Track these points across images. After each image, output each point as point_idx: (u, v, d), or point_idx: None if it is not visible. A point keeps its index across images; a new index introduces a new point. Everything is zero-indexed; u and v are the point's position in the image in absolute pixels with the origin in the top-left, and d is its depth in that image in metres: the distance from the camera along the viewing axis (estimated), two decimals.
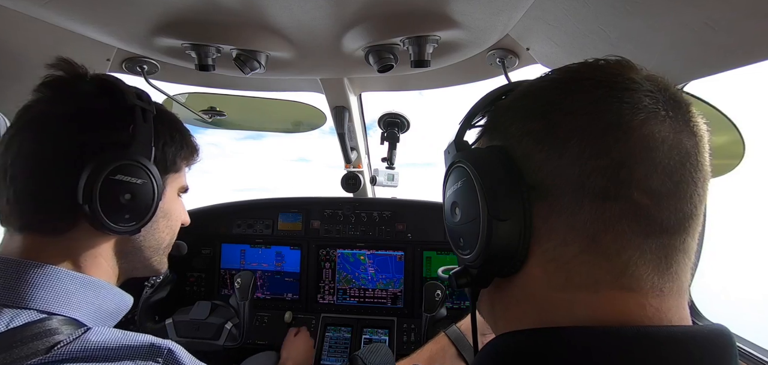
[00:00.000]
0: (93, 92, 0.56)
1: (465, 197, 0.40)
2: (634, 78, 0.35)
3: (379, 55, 0.85)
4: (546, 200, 0.35)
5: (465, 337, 0.92)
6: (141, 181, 0.56)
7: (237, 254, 1.69)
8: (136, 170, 0.56)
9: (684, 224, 0.34)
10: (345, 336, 1.55)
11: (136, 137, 0.56)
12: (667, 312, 0.34)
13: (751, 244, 2.82)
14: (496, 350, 0.38)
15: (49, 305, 0.50)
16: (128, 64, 1.03)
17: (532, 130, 0.37)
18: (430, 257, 1.63)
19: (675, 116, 0.34)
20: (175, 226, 0.70)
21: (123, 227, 0.56)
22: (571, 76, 0.38)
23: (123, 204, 0.55)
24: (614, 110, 0.34)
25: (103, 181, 0.52)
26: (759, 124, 1.15)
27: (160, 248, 0.67)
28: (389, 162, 1.53)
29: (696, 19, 0.59)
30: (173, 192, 0.67)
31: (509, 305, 0.40)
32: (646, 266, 0.33)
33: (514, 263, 0.37)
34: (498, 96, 0.44)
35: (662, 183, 0.33)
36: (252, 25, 0.78)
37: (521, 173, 0.37)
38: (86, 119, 0.54)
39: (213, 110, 1.48)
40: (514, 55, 0.97)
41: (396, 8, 0.71)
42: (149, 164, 0.57)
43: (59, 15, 0.73)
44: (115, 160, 0.53)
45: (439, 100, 10.54)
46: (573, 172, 0.34)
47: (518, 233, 0.36)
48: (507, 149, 0.38)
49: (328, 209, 1.68)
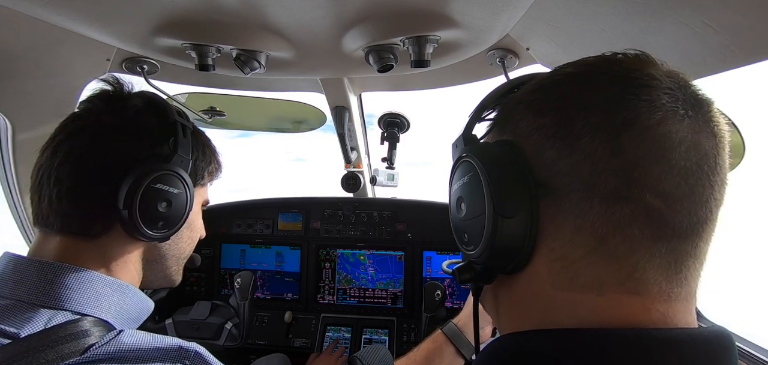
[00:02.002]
0: (141, 108, 0.60)
1: (471, 192, 0.39)
2: (654, 74, 0.34)
3: (379, 55, 0.85)
4: (554, 199, 0.34)
5: (462, 334, 0.92)
6: (177, 191, 0.60)
7: (237, 254, 1.69)
8: (175, 181, 0.60)
9: (697, 228, 0.33)
10: (345, 336, 1.55)
11: (176, 151, 0.61)
12: (674, 316, 0.33)
13: (751, 243, 2.82)
14: (500, 350, 0.37)
15: (82, 306, 0.52)
16: (128, 64, 1.03)
17: (543, 125, 0.35)
18: (430, 257, 1.63)
19: (695, 115, 0.33)
20: (196, 238, 0.73)
21: (155, 233, 0.59)
22: (587, 70, 0.36)
23: (159, 212, 0.58)
24: (631, 108, 0.32)
25: (145, 188, 0.56)
26: (759, 124, 1.15)
27: (181, 258, 0.70)
28: (389, 162, 1.53)
29: (696, 19, 0.59)
30: (198, 205, 0.71)
31: (512, 302, 0.40)
32: (654, 270, 0.32)
33: (519, 261, 0.37)
34: (510, 89, 0.42)
35: (677, 185, 0.31)
36: (252, 25, 0.78)
37: (530, 170, 0.35)
38: (135, 131, 0.59)
39: (213, 110, 1.48)
40: (514, 55, 0.97)
41: (396, 8, 0.71)
42: (186, 175, 0.61)
43: (59, 15, 0.73)
44: (158, 169, 0.57)
45: (439, 100, 10.56)
46: (584, 170, 0.33)
47: (524, 231, 0.35)
48: (517, 144, 0.37)
49: (328, 209, 1.68)
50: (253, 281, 1.31)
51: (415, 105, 1.46)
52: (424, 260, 1.63)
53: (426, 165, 1.65)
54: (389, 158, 1.52)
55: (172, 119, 0.61)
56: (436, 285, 1.33)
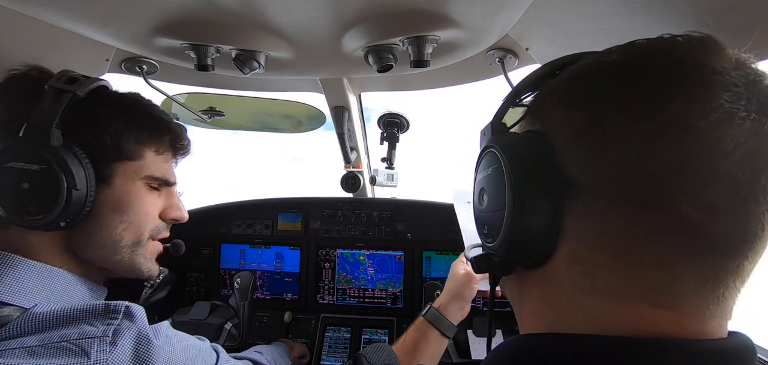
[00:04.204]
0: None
1: (493, 185, 0.38)
2: (716, 67, 0.29)
3: (378, 55, 0.85)
4: (579, 200, 0.32)
5: (443, 316, 0.96)
6: (37, 167, 0.51)
7: (237, 254, 1.69)
8: (28, 155, 0.51)
9: (743, 246, 0.29)
10: (345, 336, 1.55)
11: (31, 121, 0.51)
12: (709, 334, 0.30)
13: None
14: (511, 350, 0.36)
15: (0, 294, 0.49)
16: (127, 65, 1.03)
17: (575, 119, 0.32)
18: (430, 257, 1.63)
19: (760, 117, 0.28)
20: (139, 221, 0.62)
21: (31, 219, 0.52)
22: (634, 59, 0.32)
23: (20, 193, 0.51)
24: (678, 107, 0.28)
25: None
26: None
27: (119, 245, 0.60)
28: (389, 162, 1.53)
29: (696, 19, 0.59)
30: (129, 182, 0.60)
31: (531, 296, 0.38)
32: (686, 284, 0.29)
33: (538, 258, 0.35)
34: (550, 72, 0.38)
35: (723, 197, 0.28)
36: (251, 26, 0.78)
37: (557, 167, 0.33)
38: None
39: (212, 110, 1.48)
40: (513, 56, 0.97)
41: (395, 8, 0.71)
42: (48, 147, 0.51)
43: (58, 15, 0.73)
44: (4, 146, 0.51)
45: (439, 100, 10.55)
46: (614, 174, 0.30)
47: (544, 230, 0.33)
48: (546, 137, 0.34)
49: (328, 209, 1.68)
50: (252, 281, 1.31)
51: (415, 105, 1.45)
52: (424, 260, 1.63)
53: (426, 165, 1.64)
54: (389, 158, 1.52)
55: (33, 87, 0.53)
56: (436, 285, 1.32)
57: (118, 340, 0.49)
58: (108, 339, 0.48)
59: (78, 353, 0.46)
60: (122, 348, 0.49)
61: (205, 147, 0.71)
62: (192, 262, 1.67)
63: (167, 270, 1.44)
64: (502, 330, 1.43)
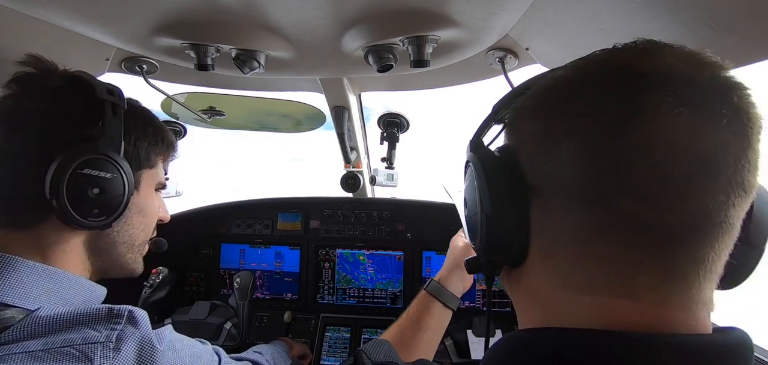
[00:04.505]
0: (62, 87, 0.57)
1: (470, 193, 0.43)
2: (648, 69, 0.31)
3: (378, 55, 0.85)
4: (542, 201, 0.36)
5: (444, 288, 0.98)
6: (110, 175, 0.56)
7: (236, 254, 1.69)
8: (105, 164, 0.56)
9: (698, 237, 0.30)
10: (344, 336, 1.55)
11: (104, 132, 0.56)
12: (673, 323, 0.31)
13: None
14: (510, 346, 0.38)
15: (3, 296, 0.50)
16: (127, 64, 1.03)
17: (535, 130, 0.36)
18: (430, 257, 1.62)
19: (702, 109, 0.29)
20: (151, 222, 0.69)
21: (92, 221, 0.56)
22: (575, 73, 0.36)
23: (91, 198, 0.55)
24: (618, 108, 0.31)
25: (70, 175, 0.53)
26: None
27: (134, 245, 0.66)
28: (389, 162, 1.53)
29: (696, 19, 0.59)
30: (149, 188, 0.67)
31: (519, 293, 0.42)
32: (643, 274, 0.31)
33: (515, 257, 0.39)
34: (520, 92, 0.42)
35: (662, 189, 0.30)
36: (251, 25, 0.78)
37: (521, 174, 0.37)
38: (55, 114, 0.55)
39: (212, 110, 1.48)
40: (513, 56, 0.97)
41: (395, 8, 0.71)
42: (119, 158, 0.58)
43: (58, 15, 0.73)
44: (83, 154, 0.54)
45: (439, 100, 10.56)
46: (565, 174, 0.33)
47: (513, 231, 0.38)
48: (514, 149, 0.39)
49: (328, 209, 1.68)
50: (252, 281, 1.31)
51: (415, 105, 1.45)
52: (424, 260, 1.63)
53: (425, 165, 1.64)
54: (389, 158, 1.52)
55: (99, 98, 0.57)
56: None
57: (122, 346, 0.50)
58: (111, 344, 0.49)
59: (81, 358, 0.47)
60: (126, 354, 0.50)
61: (205, 147, 0.73)
62: (192, 262, 1.67)
63: (167, 270, 1.44)
64: (502, 329, 1.43)
